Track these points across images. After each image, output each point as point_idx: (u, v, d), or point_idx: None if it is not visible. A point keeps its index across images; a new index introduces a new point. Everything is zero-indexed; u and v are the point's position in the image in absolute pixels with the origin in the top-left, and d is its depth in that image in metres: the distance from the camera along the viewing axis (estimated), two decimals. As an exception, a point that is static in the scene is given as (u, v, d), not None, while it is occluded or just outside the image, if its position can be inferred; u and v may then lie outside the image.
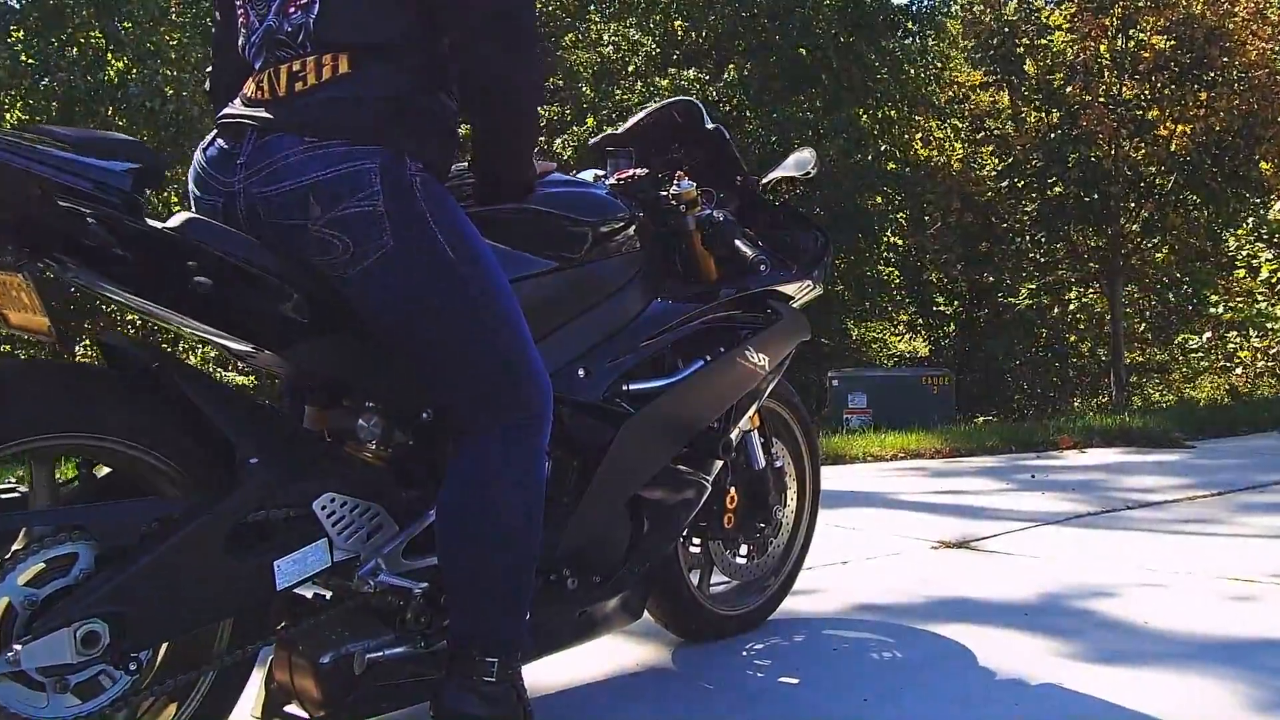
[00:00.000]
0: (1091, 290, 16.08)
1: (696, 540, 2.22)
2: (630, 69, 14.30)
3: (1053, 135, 13.68)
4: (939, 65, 15.74)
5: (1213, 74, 12.89)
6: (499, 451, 1.46)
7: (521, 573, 1.47)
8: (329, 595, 1.57)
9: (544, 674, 1.95)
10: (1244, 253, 13.01)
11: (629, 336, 1.82)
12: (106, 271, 1.29)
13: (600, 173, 2.06)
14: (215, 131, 1.51)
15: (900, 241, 16.44)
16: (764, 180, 2.22)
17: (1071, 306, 16.32)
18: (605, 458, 1.71)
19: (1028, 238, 15.13)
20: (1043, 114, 14.24)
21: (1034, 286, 16.02)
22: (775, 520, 2.27)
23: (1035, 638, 2.24)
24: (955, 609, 2.49)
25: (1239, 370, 14.53)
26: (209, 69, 1.71)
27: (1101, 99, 13.39)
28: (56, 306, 1.24)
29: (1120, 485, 4.69)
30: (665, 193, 1.96)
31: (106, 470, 1.43)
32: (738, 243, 1.94)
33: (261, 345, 1.44)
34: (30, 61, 10.34)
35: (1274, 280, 12.57)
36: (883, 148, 15.35)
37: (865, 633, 2.31)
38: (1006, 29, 14.07)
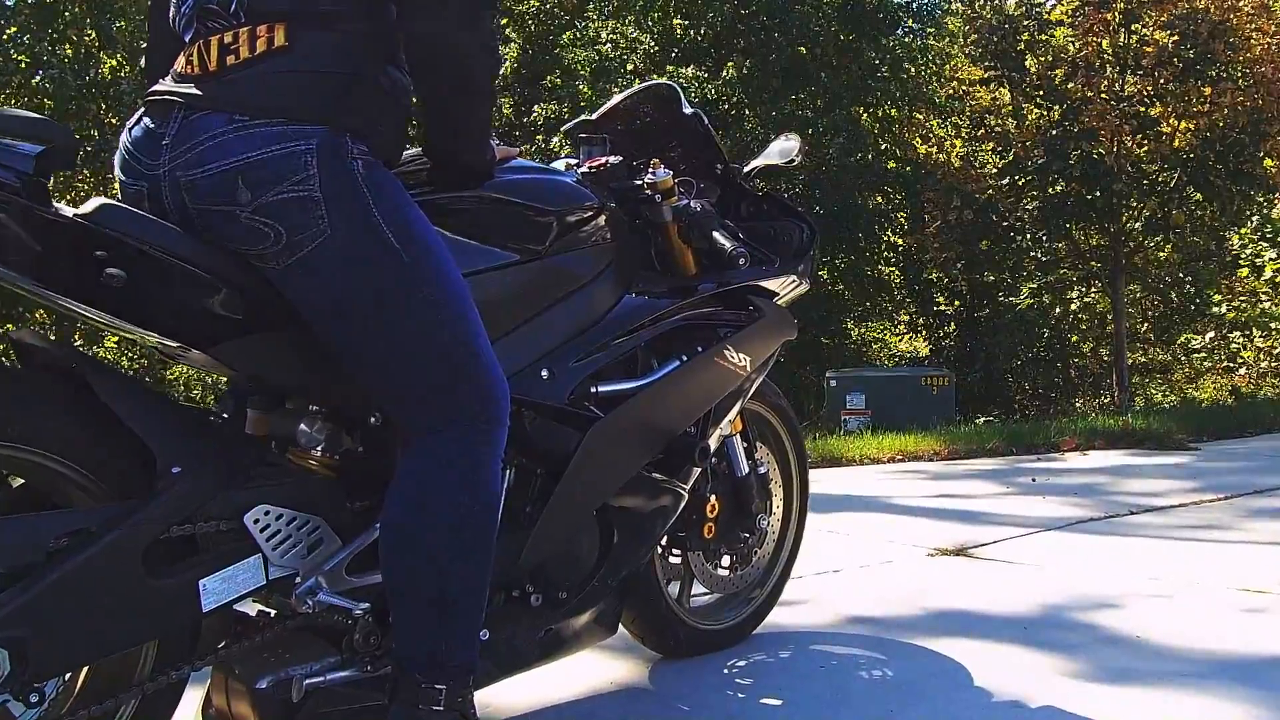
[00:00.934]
0: (1093, 289, 15.95)
1: (676, 551, 2.10)
2: (629, 67, 14.18)
3: (1054, 132, 13.50)
4: (939, 63, 15.61)
5: (1217, 69, 12.70)
6: (448, 457, 1.34)
7: (472, 591, 1.35)
8: (273, 613, 1.46)
9: (507, 694, 1.83)
10: (1248, 252, 12.89)
11: (598, 335, 1.70)
12: (7, 261, 1.17)
13: (573, 161, 1.95)
14: (142, 110, 1.39)
15: (900, 241, 16.31)
16: (747, 169, 2.10)
17: (1073, 306, 16.18)
18: (570, 465, 1.60)
19: (1029, 236, 14.99)
20: (1044, 110, 14.08)
21: (1035, 286, 15.88)
22: (759, 529, 2.16)
23: (1035, 653, 2.13)
24: (950, 622, 2.37)
25: (1242, 371, 14.40)
26: (144, 45, 1.59)
27: (1103, 95, 13.22)
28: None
29: (1123, 489, 4.57)
30: (640, 181, 1.84)
31: (20, 482, 1.32)
32: (716, 234, 1.82)
33: (188, 343, 1.32)
34: (22, 59, 10.28)
35: (1278, 280, 12.45)
36: (883, 146, 15.22)
37: (855, 648, 2.19)
38: (1007, 24, 13.92)
